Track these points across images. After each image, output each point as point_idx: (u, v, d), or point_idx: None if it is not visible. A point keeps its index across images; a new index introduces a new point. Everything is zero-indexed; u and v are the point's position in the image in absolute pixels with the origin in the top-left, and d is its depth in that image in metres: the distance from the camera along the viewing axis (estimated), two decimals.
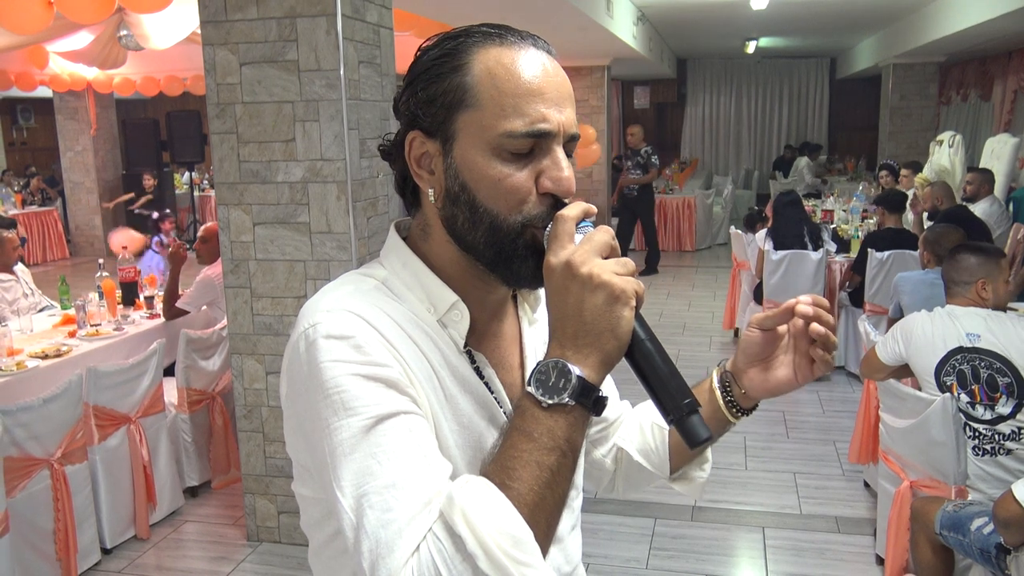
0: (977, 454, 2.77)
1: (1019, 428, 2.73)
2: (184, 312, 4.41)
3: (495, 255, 0.92)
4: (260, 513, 3.65)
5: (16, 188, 12.75)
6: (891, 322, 3.97)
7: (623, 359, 0.87)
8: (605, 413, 1.22)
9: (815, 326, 0.97)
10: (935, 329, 2.92)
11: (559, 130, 0.89)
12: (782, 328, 1.02)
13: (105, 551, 3.55)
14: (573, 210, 0.87)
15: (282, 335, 3.47)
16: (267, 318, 3.48)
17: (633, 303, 0.83)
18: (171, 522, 3.88)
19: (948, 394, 2.73)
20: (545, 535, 0.80)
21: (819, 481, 4.18)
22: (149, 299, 4.71)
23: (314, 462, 0.88)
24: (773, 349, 1.03)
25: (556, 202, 0.90)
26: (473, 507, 0.76)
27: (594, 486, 1.26)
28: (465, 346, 0.96)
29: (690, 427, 0.85)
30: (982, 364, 2.79)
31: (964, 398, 2.80)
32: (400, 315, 0.92)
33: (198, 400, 4.13)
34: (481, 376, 0.97)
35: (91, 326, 4.23)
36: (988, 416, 2.76)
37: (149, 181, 11.61)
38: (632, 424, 1.24)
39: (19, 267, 5.24)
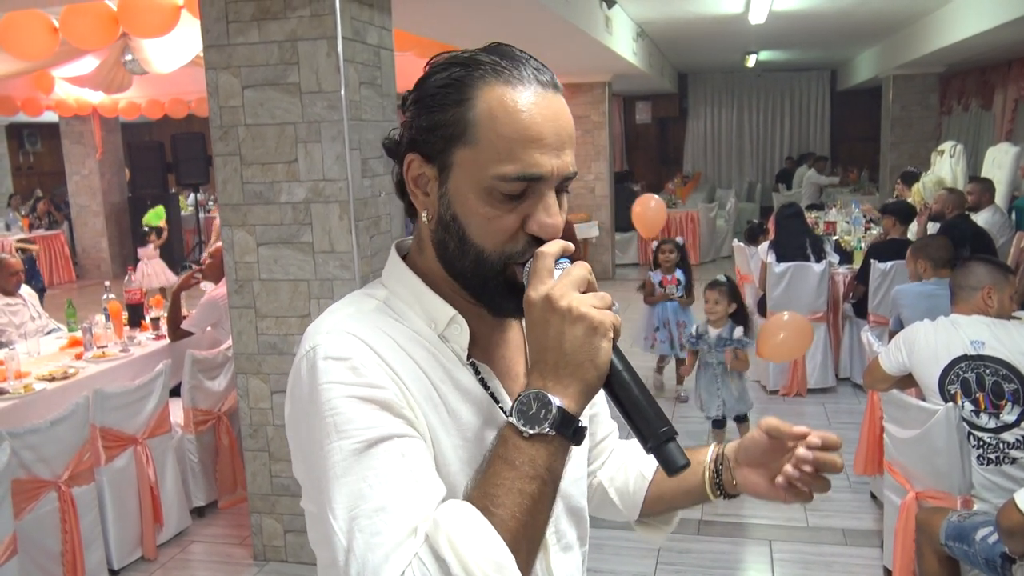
0: (982, 463, 2.76)
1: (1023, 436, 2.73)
2: (189, 333, 4.44)
3: (479, 285, 0.95)
4: (267, 532, 3.66)
5: (23, 212, 12.84)
6: (892, 335, 3.97)
7: (601, 390, 0.89)
8: (596, 430, 1.25)
9: (819, 456, 0.99)
10: (938, 338, 2.92)
11: (552, 175, 0.91)
12: (791, 443, 1.03)
13: (113, 572, 3.56)
14: (553, 247, 0.90)
15: (287, 354, 3.49)
16: (271, 337, 3.50)
17: (611, 335, 0.86)
18: (178, 542, 3.88)
19: (951, 404, 2.73)
20: (526, 561, 0.83)
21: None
22: (155, 320, 4.74)
23: (311, 482, 0.90)
24: (773, 459, 1.05)
25: (539, 240, 0.92)
26: (458, 532, 0.79)
27: None
28: (469, 358, 0.98)
29: (668, 454, 0.87)
30: (987, 371, 2.79)
31: (968, 407, 2.80)
32: (400, 334, 0.94)
33: (204, 420, 4.15)
34: (487, 387, 0.98)
35: (97, 348, 4.27)
36: (992, 425, 2.76)
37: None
38: (618, 462, 1.25)
39: (26, 290, 5.28)
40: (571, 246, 0.92)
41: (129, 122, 12.35)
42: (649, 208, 6.94)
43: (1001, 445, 2.75)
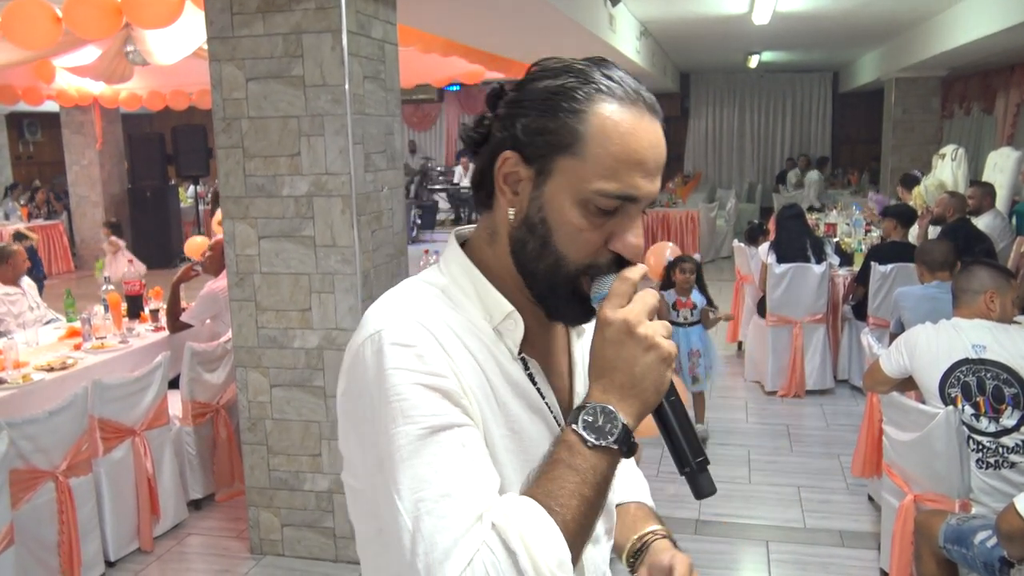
0: (981, 467, 2.76)
1: (1023, 441, 2.73)
2: (188, 325, 4.43)
3: (547, 289, 0.99)
4: (264, 526, 3.65)
5: (22, 201, 12.82)
6: (892, 338, 3.97)
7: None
8: None
9: None
10: (940, 341, 2.92)
11: (645, 199, 0.96)
12: None
13: (109, 563, 3.56)
14: (636, 273, 0.95)
15: (287, 348, 3.48)
16: (271, 331, 3.49)
17: (673, 365, 0.94)
18: (175, 535, 3.88)
19: (951, 407, 2.73)
20: (576, 560, 0.89)
21: (823, 495, 4.17)
22: (154, 312, 4.73)
23: (364, 461, 0.93)
24: None
25: (618, 257, 0.97)
26: (529, 528, 0.84)
27: None
28: (519, 353, 1.02)
29: (700, 481, 0.96)
30: (988, 375, 2.79)
31: (968, 410, 2.80)
32: (458, 324, 0.97)
33: (202, 413, 4.14)
34: (534, 383, 1.02)
35: (96, 339, 4.25)
36: (992, 429, 2.76)
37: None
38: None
39: (25, 280, 5.27)
40: (648, 270, 0.98)
41: (130, 113, 12.32)
42: (655, 254, 6.70)
43: (1001, 449, 2.75)
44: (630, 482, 1.29)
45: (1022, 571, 2.31)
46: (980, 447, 2.77)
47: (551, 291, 0.98)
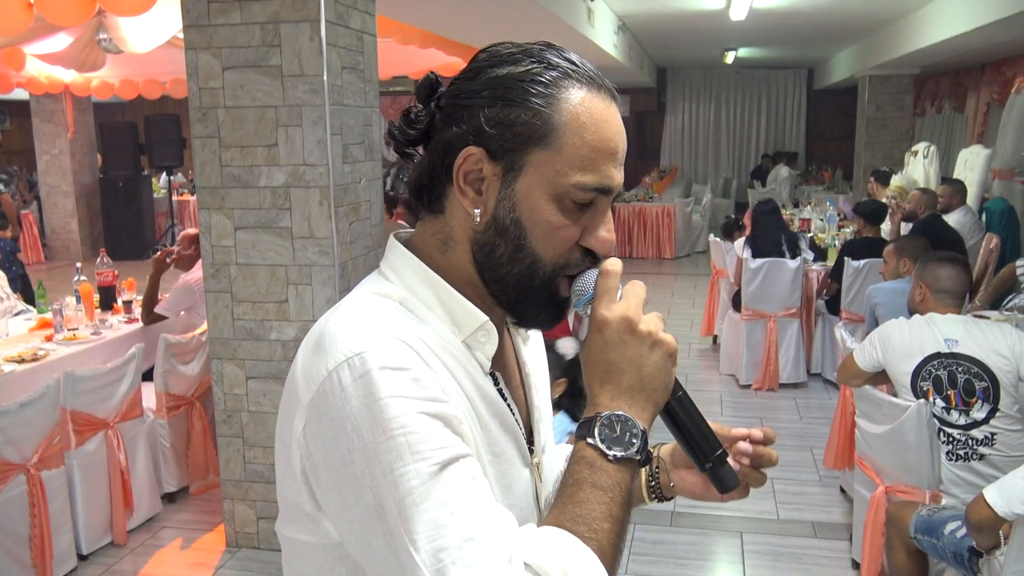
0: (951, 459, 2.81)
1: (992, 433, 2.78)
2: (163, 317, 4.38)
3: (519, 294, 0.90)
4: (239, 519, 3.63)
5: None
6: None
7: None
8: None
9: (757, 450, 1.01)
10: (913, 335, 2.97)
11: (616, 190, 0.89)
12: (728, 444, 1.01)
13: (81, 557, 3.52)
14: (616, 266, 0.88)
15: (263, 340, 3.46)
16: (247, 323, 3.47)
17: (677, 359, 0.88)
18: (149, 528, 3.84)
19: (923, 400, 2.78)
20: None
21: (796, 487, 4.22)
22: (127, 303, 4.68)
23: (347, 509, 0.79)
24: None
25: (590, 254, 0.90)
26: (568, 562, 0.76)
27: None
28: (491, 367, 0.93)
29: (723, 475, 0.93)
30: (959, 369, 2.84)
31: (939, 403, 2.84)
32: (430, 339, 0.86)
33: (177, 405, 4.10)
34: (504, 399, 0.93)
35: (68, 330, 4.20)
36: (963, 421, 2.81)
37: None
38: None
39: None
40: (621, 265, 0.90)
41: (101, 101, 12.14)
42: None
43: (970, 442, 2.80)
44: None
45: (990, 561, 2.36)
46: (950, 439, 2.82)
47: (524, 296, 0.89)
